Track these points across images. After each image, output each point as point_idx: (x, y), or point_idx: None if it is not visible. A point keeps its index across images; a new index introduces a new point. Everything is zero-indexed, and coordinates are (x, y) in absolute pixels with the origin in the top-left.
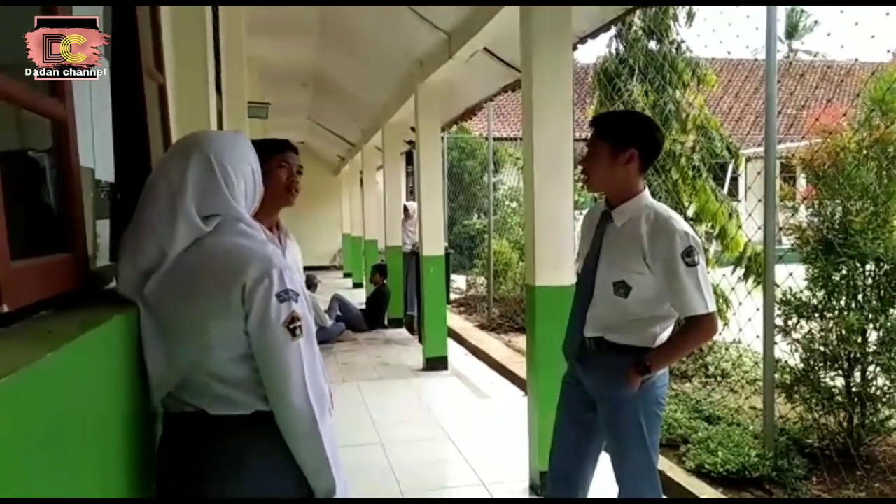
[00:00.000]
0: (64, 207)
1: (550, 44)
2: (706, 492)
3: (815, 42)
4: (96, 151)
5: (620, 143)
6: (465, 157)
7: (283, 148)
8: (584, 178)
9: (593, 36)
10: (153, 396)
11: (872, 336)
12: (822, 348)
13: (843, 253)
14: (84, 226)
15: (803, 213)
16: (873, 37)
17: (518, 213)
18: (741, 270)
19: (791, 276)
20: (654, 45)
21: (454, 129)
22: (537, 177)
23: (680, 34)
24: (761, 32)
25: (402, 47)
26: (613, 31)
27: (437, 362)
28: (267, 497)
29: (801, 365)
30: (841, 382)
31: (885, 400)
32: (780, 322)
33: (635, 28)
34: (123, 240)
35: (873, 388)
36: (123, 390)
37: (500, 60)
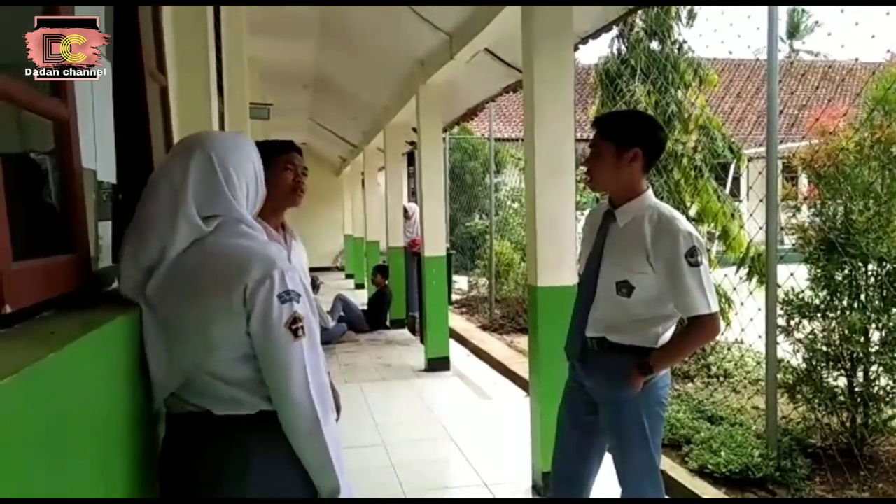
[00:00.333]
0: (66, 208)
1: (552, 44)
2: (709, 492)
3: (816, 42)
4: (98, 153)
5: (624, 142)
6: (467, 157)
7: (288, 149)
8: (587, 178)
9: (595, 36)
10: (156, 397)
11: (875, 336)
12: (824, 348)
13: (846, 253)
14: (86, 227)
15: (805, 213)
16: (873, 37)
17: (520, 214)
18: (744, 271)
19: (793, 276)
20: (655, 46)
21: (456, 129)
22: (539, 177)
23: (682, 34)
24: (763, 32)
25: (403, 48)
26: (615, 31)
27: (439, 363)
28: (272, 496)
29: (804, 365)
30: (844, 382)
31: (887, 400)
32: (782, 322)
33: (637, 28)
34: (125, 237)
35: (876, 388)
36: (125, 391)
37: (502, 61)
